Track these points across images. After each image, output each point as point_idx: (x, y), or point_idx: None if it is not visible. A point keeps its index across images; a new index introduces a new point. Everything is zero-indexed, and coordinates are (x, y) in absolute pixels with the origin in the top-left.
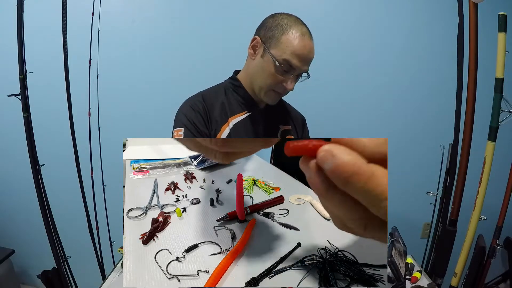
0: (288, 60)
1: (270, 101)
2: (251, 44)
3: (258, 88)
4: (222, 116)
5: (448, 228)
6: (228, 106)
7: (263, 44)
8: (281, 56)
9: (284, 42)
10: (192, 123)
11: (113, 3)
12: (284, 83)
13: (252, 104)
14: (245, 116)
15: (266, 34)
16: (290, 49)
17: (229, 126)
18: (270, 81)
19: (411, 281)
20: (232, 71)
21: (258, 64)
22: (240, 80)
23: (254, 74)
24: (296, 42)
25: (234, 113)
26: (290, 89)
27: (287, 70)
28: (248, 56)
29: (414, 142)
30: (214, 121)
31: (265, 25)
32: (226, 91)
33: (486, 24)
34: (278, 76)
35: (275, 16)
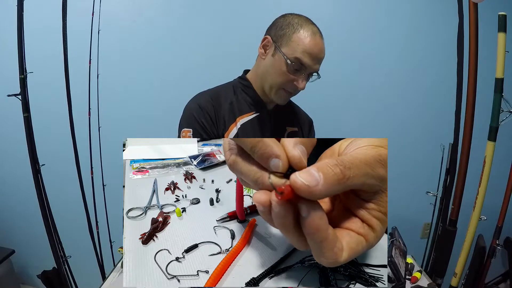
0: (299, 58)
1: (280, 100)
2: (262, 43)
3: (268, 87)
4: (230, 115)
5: (448, 228)
6: (236, 106)
7: (274, 43)
8: (292, 54)
9: (295, 40)
10: (201, 123)
11: (113, 3)
12: (295, 82)
13: (261, 105)
14: (253, 116)
15: (277, 33)
16: (301, 47)
17: (236, 126)
18: (281, 79)
19: (411, 281)
20: (233, 72)
21: (268, 63)
22: (249, 80)
23: (264, 73)
24: (308, 41)
25: (242, 112)
26: (301, 88)
27: (298, 68)
28: (258, 56)
29: (414, 142)
30: (221, 120)
31: (276, 24)
32: (235, 90)
33: (486, 24)
34: (289, 74)
35: (285, 16)
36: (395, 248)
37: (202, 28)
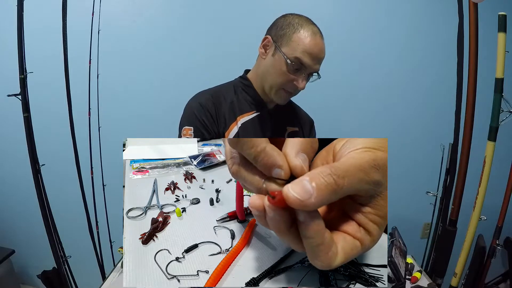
0: (299, 58)
1: (280, 100)
2: (262, 43)
3: (268, 87)
4: (230, 114)
5: (448, 228)
6: (237, 105)
7: (274, 43)
8: (292, 54)
9: (296, 40)
10: (202, 122)
11: (113, 3)
12: (295, 82)
13: (261, 104)
14: (254, 115)
15: (278, 33)
16: (302, 47)
17: (237, 125)
18: (281, 79)
19: (411, 281)
20: (233, 72)
21: (269, 63)
22: (250, 79)
23: (264, 73)
24: (308, 41)
25: (243, 112)
26: (301, 88)
27: (298, 68)
28: (259, 56)
29: (414, 142)
30: (222, 118)
31: (276, 24)
32: (236, 89)
33: (486, 24)
34: (289, 74)
35: (286, 16)
36: (395, 248)
37: (202, 28)
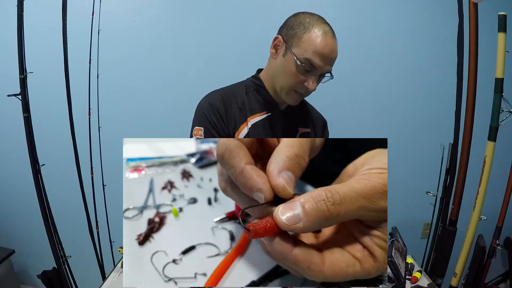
0: (310, 59)
1: (291, 101)
2: (273, 43)
3: (279, 88)
4: (241, 115)
5: (448, 228)
6: (248, 105)
7: (284, 43)
8: (302, 55)
9: (306, 40)
10: (212, 122)
11: (113, 3)
12: (305, 83)
13: (273, 105)
14: (265, 116)
15: (288, 33)
16: (312, 48)
17: (247, 126)
18: (291, 81)
19: (411, 281)
20: (233, 72)
21: (279, 63)
22: (262, 79)
23: (275, 74)
24: (318, 41)
25: (253, 112)
26: (312, 89)
27: (309, 69)
28: (270, 56)
29: (414, 142)
30: (232, 119)
31: (287, 24)
32: (247, 89)
33: (486, 24)
34: (299, 76)
35: (297, 15)
36: (395, 248)
37: (202, 28)
